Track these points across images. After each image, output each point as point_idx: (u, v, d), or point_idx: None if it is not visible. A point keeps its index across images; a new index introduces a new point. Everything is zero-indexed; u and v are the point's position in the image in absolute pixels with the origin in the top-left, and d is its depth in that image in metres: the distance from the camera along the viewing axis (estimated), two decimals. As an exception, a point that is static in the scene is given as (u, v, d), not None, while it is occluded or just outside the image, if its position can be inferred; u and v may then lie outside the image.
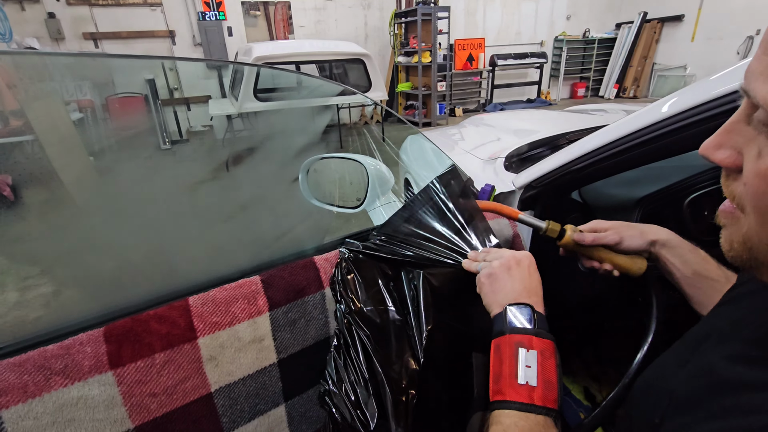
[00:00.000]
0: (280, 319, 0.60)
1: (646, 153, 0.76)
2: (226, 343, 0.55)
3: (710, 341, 0.46)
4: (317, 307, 0.63)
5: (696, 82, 0.69)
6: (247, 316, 0.57)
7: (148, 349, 0.50)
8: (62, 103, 5.42)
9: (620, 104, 2.56)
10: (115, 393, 0.47)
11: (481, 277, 0.60)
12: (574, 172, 0.91)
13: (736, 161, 0.33)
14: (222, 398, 0.56)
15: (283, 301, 0.60)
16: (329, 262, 0.66)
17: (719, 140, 0.34)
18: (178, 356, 0.51)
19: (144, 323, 0.51)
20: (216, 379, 0.55)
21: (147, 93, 5.90)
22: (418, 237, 0.71)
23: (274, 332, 0.59)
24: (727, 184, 0.35)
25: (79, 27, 6.10)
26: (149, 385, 0.49)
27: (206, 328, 0.54)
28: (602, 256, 0.70)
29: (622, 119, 0.84)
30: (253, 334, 0.57)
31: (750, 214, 0.32)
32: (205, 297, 0.56)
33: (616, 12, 8.81)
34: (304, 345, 0.62)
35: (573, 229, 0.72)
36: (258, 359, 0.58)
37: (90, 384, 0.46)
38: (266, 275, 0.61)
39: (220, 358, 0.54)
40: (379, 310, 0.62)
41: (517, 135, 1.70)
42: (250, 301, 0.58)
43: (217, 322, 0.55)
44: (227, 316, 0.55)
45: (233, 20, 6.76)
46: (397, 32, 7.07)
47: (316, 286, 0.63)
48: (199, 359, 0.53)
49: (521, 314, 0.53)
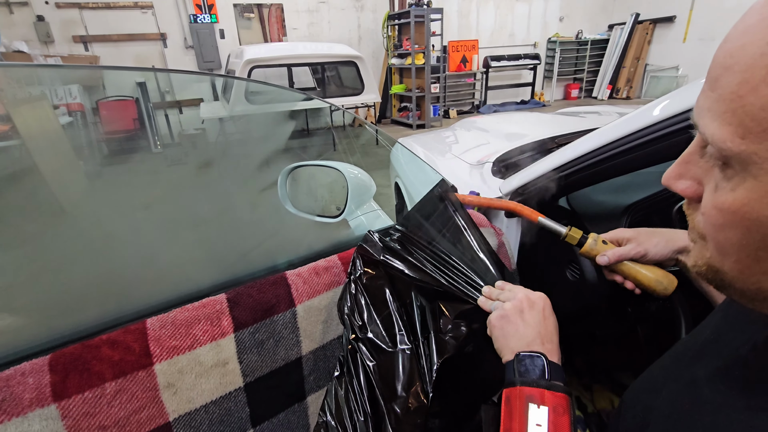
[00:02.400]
0: (247, 341, 0.56)
1: (635, 159, 0.74)
2: (185, 368, 0.51)
3: (696, 355, 0.45)
4: (287, 326, 0.60)
5: (686, 85, 0.68)
6: (210, 339, 0.53)
7: (97, 379, 0.46)
8: (50, 107, 5.36)
9: (614, 106, 2.55)
10: (59, 428, 0.44)
11: (492, 319, 0.57)
12: (561, 179, 0.88)
13: (697, 191, 0.33)
14: (182, 427, 0.52)
15: (250, 320, 0.57)
16: (301, 277, 0.63)
17: (679, 170, 0.34)
18: (131, 385, 0.48)
19: (94, 349, 0.48)
20: (174, 408, 0.51)
21: (138, 96, 5.85)
22: (433, 247, 0.68)
23: (240, 355, 0.55)
24: (689, 211, 0.35)
25: (68, 30, 6.03)
26: (98, 418, 0.46)
27: (164, 353, 0.50)
28: (627, 271, 0.64)
29: (611, 123, 0.82)
30: (216, 358, 0.54)
31: (710, 242, 0.32)
32: (163, 319, 0.52)
33: (608, 13, 8.85)
34: (273, 367, 0.59)
35: (595, 238, 0.67)
36: (222, 384, 0.54)
37: (30, 419, 0.42)
38: (232, 293, 0.58)
39: (179, 384, 0.51)
40: (389, 336, 0.58)
41: (507, 138, 1.67)
42: (214, 322, 0.54)
43: (176, 345, 0.51)
44: (187, 339, 0.52)
45: (225, 23, 6.72)
46: (391, 34, 7.05)
47: (287, 304, 0.60)
48: (155, 387, 0.49)
49: (533, 364, 0.49)
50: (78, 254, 0.59)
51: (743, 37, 0.26)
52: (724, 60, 0.27)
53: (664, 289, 0.62)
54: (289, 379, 0.61)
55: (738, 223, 0.28)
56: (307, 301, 0.61)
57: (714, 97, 0.28)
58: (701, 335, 0.47)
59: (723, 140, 0.27)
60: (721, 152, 0.28)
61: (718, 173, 0.30)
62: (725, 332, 0.42)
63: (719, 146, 0.27)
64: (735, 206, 0.28)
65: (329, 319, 0.64)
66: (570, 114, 2.26)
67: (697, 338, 0.47)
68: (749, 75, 0.25)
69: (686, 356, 0.46)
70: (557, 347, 0.53)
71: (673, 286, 0.62)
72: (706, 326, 0.48)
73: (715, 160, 0.30)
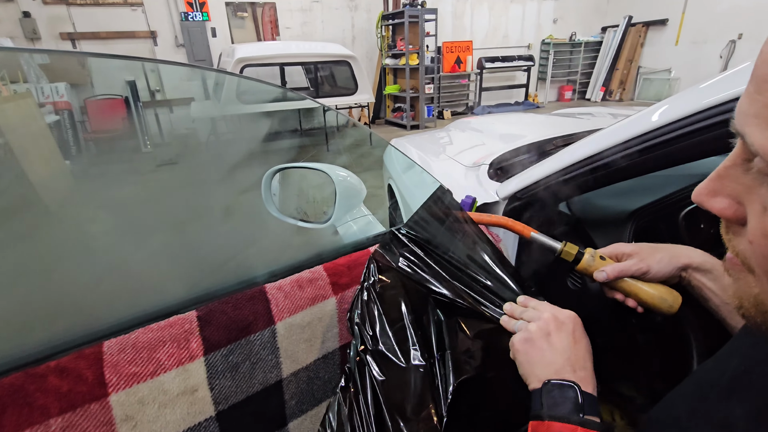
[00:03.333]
0: (219, 364, 0.50)
1: (640, 164, 0.70)
2: (147, 398, 0.45)
3: (725, 389, 0.39)
4: (266, 346, 0.54)
5: (686, 89, 0.65)
6: (176, 363, 0.47)
7: (40, 414, 0.40)
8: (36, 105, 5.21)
9: (606, 108, 2.52)
10: (-9, 474, 0.38)
11: (516, 341, 0.51)
12: (561, 183, 0.84)
13: (737, 212, 0.28)
14: (142, 465, 0.46)
15: (223, 341, 0.51)
16: (282, 291, 0.57)
17: (713, 187, 0.29)
18: (81, 420, 0.42)
19: (39, 379, 0.41)
20: (133, 443, 0.45)
21: (128, 95, 5.74)
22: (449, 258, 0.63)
23: (211, 380, 0.50)
24: (728, 237, 0.30)
25: (55, 27, 5.91)
26: (40, 460, 0.40)
27: (121, 382, 0.44)
28: (626, 288, 0.60)
29: (612, 127, 0.78)
30: (184, 385, 0.48)
31: (761, 277, 0.27)
32: (123, 341, 0.46)
33: (602, 16, 8.90)
34: (250, 392, 0.53)
35: (592, 253, 0.62)
36: (190, 414, 0.48)
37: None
38: (204, 310, 0.52)
39: (139, 417, 0.45)
40: (402, 350, 0.53)
41: (503, 139, 1.63)
42: (181, 344, 0.48)
43: (137, 372, 0.45)
44: (150, 364, 0.46)
45: (217, 21, 6.64)
46: (385, 34, 7.01)
47: (266, 321, 0.54)
48: (110, 421, 0.43)
49: (563, 395, 0.43)
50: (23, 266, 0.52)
51: None
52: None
53: (669, 307, 0.57)
54: (268, 404, 0.56)
55: None
56: (288, 317, 0.56)
57: (762, 102, 0.23)
58: (727, 365, 0.41)
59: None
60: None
61: (765, 192, 0.25)
62: (759, 363, 0.37)
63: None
64: None
65: (313, 337, 0.58)
66: (565, 115, 2.22)
67: (722, 368, 0.42)
68: None
69: (713, 390, 0.40)
70: (591, 375, 0.47)
71: (678, 303, 0.58)
72: (731, 354, 0.43)
73: (764, 175, 0.25)
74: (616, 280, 0.60)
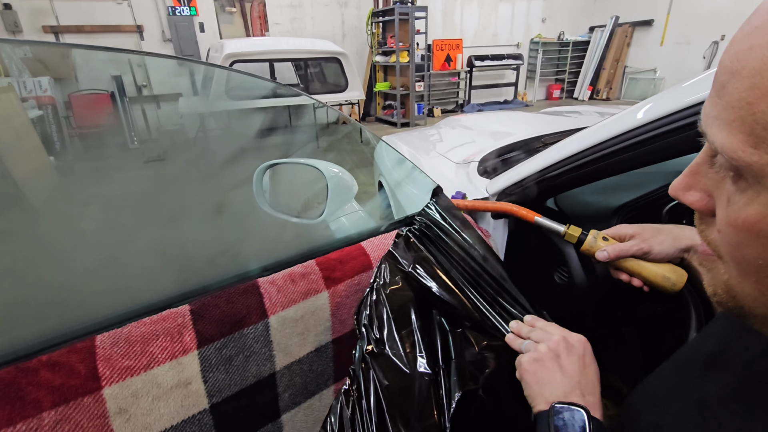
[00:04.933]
0: (213, 357, 0.51)
1: (624, 160, 0.72)
2: (140, 391, 0.45)
3: (702, 368, 0.41)
4: (259, 339, 0.54)
5: (671, 87, 0.67)
6: (170, 357, 0.48)
7: (33, 408, 0.40)
8: (18, 100, 5.11)
9: (594, 106, 2.57)
10: (-16, 467, 0.38)
11: (524, 361, 0.51)
12: (549, 179, 0.85)
13: (708, 204, 0.30)
14: (136, 457, 0.46)
15: (216, 335, 0.51)
16: (275, 285, 0.57)
17: (687, 182, 0.32)
18: (75, 413, 0.42)
19: (31, 373, 0.41)
20: (127, 436, 0.45)
21: (113, 90, 5.64)
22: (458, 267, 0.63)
23: (205, 373, 0.50)
24: (701, 227, 0.32)
25: (38, 20, 5.76)
26: (34, 453, 0.40)
27: (115, 375, 0.44)
28: (631, 267, 0.61)
29: (598, 124, 0.80)
30: (177, 378, 0.48)
31: (729, 263, 0.29)
32: (116, 335, 0.46)
33: (589, 15, 9.00)
34: (243, 385, 0.54)
35: (595, 234, 0.64)
36: (183, 407, 0.49)
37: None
38: (197, 304, 0.52)
39: (133, 410, 0.45)
40: (408, 357, 0.53)
41: (492, 137, 1.64)
42: (174, 338, 0.49)
43: (130, 365, 0.45)
44: (143, 357, 0.46)
45: (205, 16, 6.54)
46: (375, 31, 6.99)
47: (259, 315, 0.55)
48: (104, 414, 0.43)
49: (572, 419, 0.43)
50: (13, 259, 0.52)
51: (750, 39, 0.24)
52: (731, 64, 0.25)
53: (673, 285, 0.58)
54: (262, 397, 0.56)
55: (755, 239, 0.26)
56: (281, 311, 0.56)
57: (722, 105, 0.25)
58: (705, 346, 0.43)
59: (733, 150, 0.25)
60: (731, 163, 0.26)
61: (730, 185, 0.27)
62: (733, 342, 0.39)
63: (730, 156, 0.25)
64: (750, 221, 0.25)
65: (306, 330, 0.59)
66: (553, 113, 2.26)
67: (700, 349, 0.44)
68: (758, 80, 0.22)
69: (691, 369, 0.42)
70: (599, 401, 0.47)
71: (682, 281, 0.58)
72: (709, 335, 0.45)
73: (726, 170, 0.28)
74: (617, 259, 0.61)
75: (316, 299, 0.60)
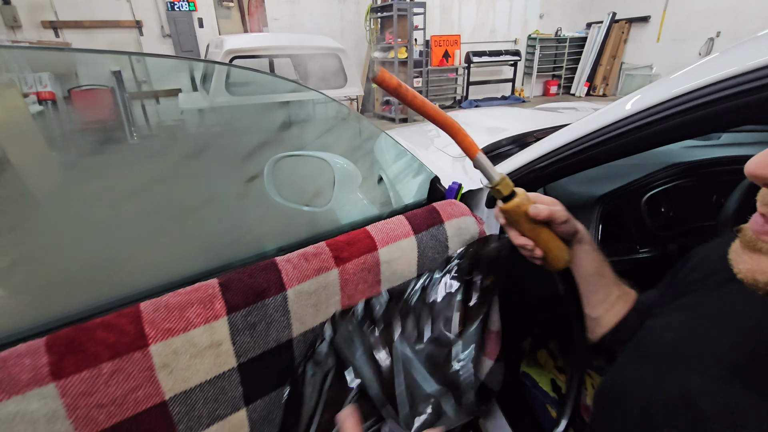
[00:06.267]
0: (239, 323, 0.58)
1: (608, 150, 0.77)
2: (180, 349, 0.53)
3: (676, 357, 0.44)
4: (278, 309, 0.62)
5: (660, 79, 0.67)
6: (204, 321, 0.55)
7: (93, 359, 0.47)
8: (20, 95, 5.14)
9: (590, 103, 2.62)
10: (58, 406, 0.45)
11: None
12: (538, 170, 0.93)
13: None
14: (178, 405, 0.54)
15: (242, 304, 0.59)
16: (291, 263, 0.65)
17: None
18: (127, 365, 0.49)
19: (89, 332, 0.49)
20: (170, 387, 0.53)
21: (113, 86, 5.66)
22: None
23: (233, 336, 0.57)
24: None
25: (37, 15, 5.76)
26: (96, 396, 0.47)
27: (158, 335, 0.52)
28: (540, 235, 0.56)
29: (586, 117, 0.86)
30: (210, 339, 0.55)
31: None
32: (157, 303, 0.54)
33: (586, 12, 9.05)
34: (265, 348, 0.61)
35: (524, 194, 0.57)
36: (216, 364, 0.56)
37: (29, 398, 0.44)
38: (224, 278, 0.59)
39: (175, 365, 0.53)
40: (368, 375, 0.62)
41: (489, 132, 1.71)
42: (207, 306, 0.56)
43: (171, 328, 0.53)
44: (181, 321, 0.54)
45: (204, 11, 6.56)
46: (373, 27, 7.03)
47: (277, 288, 0.62)
48: (151, 367, 0.51)
49: None
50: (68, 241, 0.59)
51: None
52: None
53: (567, 262, 0.58)
54: (281, 360, 0.64)
55: None
56: (297, 285, 0.64)
57: None
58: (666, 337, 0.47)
59: None
60: None
61: None
62: (703, 334, 0.43)
63: None
64: None
65: (318, 303, 0.66)
66: (548, 110, 2.32)
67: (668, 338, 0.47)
68: None
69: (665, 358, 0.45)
70: None
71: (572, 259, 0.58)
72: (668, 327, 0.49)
73: None
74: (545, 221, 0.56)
75: (327, 276, 0.67)
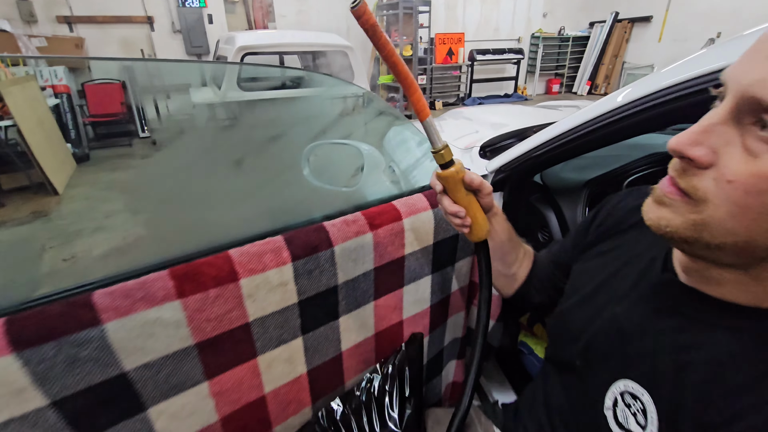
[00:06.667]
0: (300, 269, 0.75)
1: (594, 139, 0.92)
2: (260, 285, 0.70)
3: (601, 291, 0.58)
4: (328, 261, 0.79)
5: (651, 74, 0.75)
6: (275, 265, 0.72)
7: (203, 286, 0.64)
8: (39, 89, 5.27)
9: (592, 101, 2.76)
10: (182, 317, 0.62)
11: None
12: (534, 158, 1.09)
13: (711, 159, 0.35)
14: (257, 327, 0.71)
15: (302, 255, 0.75)
16: (336, 226, 0.82)
17: (696, 138, 0.35)
18: (225, 292, 0.66)
19: (198, 267, 0.66)
20: (253, 312, 0.70)
21: (125, 80, 5.82)
22: None
23: (296, 279, 0.74)
24: (686, 177, 0.37)
25: (52, 10, 5.93)
26: (205, 313, 0.64)
27: (245, 273, 0.69)
28: (471, 203, 0.61)
29: (579, 111, 1.01)
30: (280, 279, 0.72)
31: (720, 206, 0.34)
32: (242, 250, 0.70)
33: (589, 11, 9.15)
34: (318, 290, 0.78)
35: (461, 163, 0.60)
36: (283, 299, 0.73)
37: (164, 309, 0.61)
38: (287, 235, 0.76)
39: (256, 296, 0.70)
40: None
41: (493, 128, 1.88)
42: (277, 254, 0.73)
43: (253, 268, 0.70)
44: (260, 264, 0.70)
45: (213, 7, 6.70)
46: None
47: (327, 245, 0.79)
48: (240, 296, 0.68)
49: None
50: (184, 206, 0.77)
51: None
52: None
53: (487, 233, 0.65)
54: (328, 301, 0.81)
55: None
56: (341, 243, 0.80)
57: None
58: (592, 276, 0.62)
59: None
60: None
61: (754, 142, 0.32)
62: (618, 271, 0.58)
63: None
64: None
65: (357, 258, 0.83)
66: (549, 107, 2.48)
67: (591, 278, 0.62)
68: None
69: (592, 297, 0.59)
70: None
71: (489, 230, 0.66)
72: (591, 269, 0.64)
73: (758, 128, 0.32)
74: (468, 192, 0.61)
75: (363, 237, 0.84)
